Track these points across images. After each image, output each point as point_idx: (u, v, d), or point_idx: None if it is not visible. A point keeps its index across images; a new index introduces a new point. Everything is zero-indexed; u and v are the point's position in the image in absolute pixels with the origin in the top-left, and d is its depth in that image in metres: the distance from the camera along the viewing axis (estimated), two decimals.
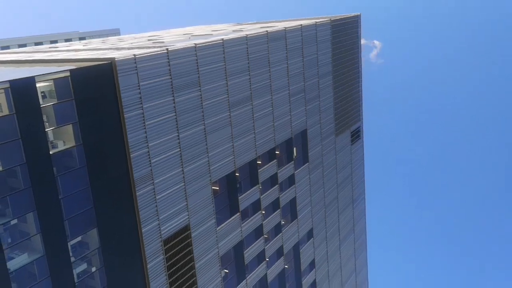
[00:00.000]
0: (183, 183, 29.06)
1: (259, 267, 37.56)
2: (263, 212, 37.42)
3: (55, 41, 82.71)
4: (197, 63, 28.69)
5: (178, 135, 28.02)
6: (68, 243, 23.06)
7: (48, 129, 20.96)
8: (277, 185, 38.84)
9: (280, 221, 39.87)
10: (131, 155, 24.89)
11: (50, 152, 21.19)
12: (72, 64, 22.40)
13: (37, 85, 20.18)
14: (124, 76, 23.60)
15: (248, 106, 33.98)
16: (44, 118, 20.74)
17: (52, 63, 23.69)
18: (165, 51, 26.33)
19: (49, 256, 22.07)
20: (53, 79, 20.93)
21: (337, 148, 48.33)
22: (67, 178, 22.18)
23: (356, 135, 52.75)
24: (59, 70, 21.08)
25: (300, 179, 42.30)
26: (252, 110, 34.39)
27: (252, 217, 36.26)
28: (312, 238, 45.61)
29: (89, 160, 23.01)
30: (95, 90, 22.82)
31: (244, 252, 35.62)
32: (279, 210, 39.53)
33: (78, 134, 22.27)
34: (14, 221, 20.85)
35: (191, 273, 30.56)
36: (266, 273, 38.56)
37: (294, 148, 40.99)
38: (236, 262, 35.24)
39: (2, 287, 20.23)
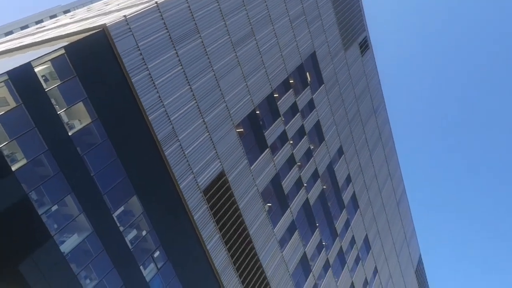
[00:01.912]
0: (208, 133, 27.84)
1: (299, 193, 36.94)
2: (291, 142, 36.20)
3: (41, 21, 79.10)
4: (190, 9, 26.46)
5: (191, 87, 26.43)
6: (113, 215, 22.54)
7: (60, 112, 19.72)
8: (298, 113, 37.27)
9: (309, 147, 38.69)
10: (149, 118, 23.62)
11: (69, 134, 20.09)
12: (64, 40, 20.70)
13: (36, 70, 18.71)
14: (120, 40, 21.79)
15: (252, 42, 31.78)
16: (53, 101, 19.45)
17: (43, 44, 22.03)
18: (155, 4, 24.17)
19: (98, 232, 21.66)
20: (50, 60, 19.38)
21: (348, 63, 45.87)
22: (93, 155, 21.21)
23: (365, 46, 49.87)
24: (53, 50, 19.43)
25: (320, 102, 40.53)
26: (257, 45, 32.21)
27: (281, 149, 35.15)
28: (343, 155, 44.50)
29: (109, 132, 21.87)
30: (95, 61, 21.22)
31: (282, 183, 34.88)
32: (305, 136, 38.22)
33: (91, 109, 20.99)
34: (55, 207, 20.23)
35: (236, 214, 30.10)
36: (307, 197, 37.99)
37: (307, 73, 38.89)
38: (276, 195, 34.62)
39: (61, 269, 20.01)
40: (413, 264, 61.69)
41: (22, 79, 18.25)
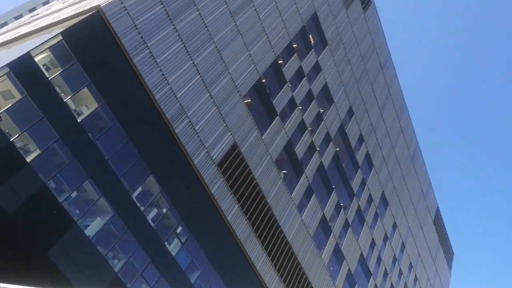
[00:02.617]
0: (216, 107, 27.45)
1: (312, 158, 36.64)
2: (300, 107, 35.66)
3: (34, 9, 77.98)
4: None
5: (193, 62, 25.89)
6: (132, 196, 22.55)
7: (66, 99, 19.44)
8: (305, 78, 36.55)
9: (318, 110, 38.12)
10: (155, 97, 23.26)
11: (78, 120, 19.88)
12: (60, 26, 20.21)
13: (36, 59, 18.36)
14: (116, 20, 21.22)
15: (251, 9, 30.89)
16: (58, 89, 19.17)
17: (40, 32, 21.56)
18: None
19: (120, 213, 21.72)
20: (48, 48, 18.98)
21: (351, 21, 44.57)
22: (104, 139, 21.04)
23: (366, 1, 48.33)
24: (50, 37, 18.98)
25: (325, 64, 39.66)
26: (256, 12, 31.31)
27: (291, 116, 34.67)
28: (354, 115, 43.86)
29: (118, 115, 21.61)
30: (94, 45, 20.75)
31: (295, 149, 34.57)
32: (314, 100, 37.61)
33: (97, 94, 20.67)
34: (74, 194, 20.25)
35: (253, 184, 30.00)
36: (321, 161, 37.70)
37: (310, 36, 37.90)
38: (290, 161, 34.38)
39: (89, 253, 20.20)
40: (431, 215, 61.63)
41: (24, 70, 17.94)
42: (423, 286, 55.69)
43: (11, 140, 17.62)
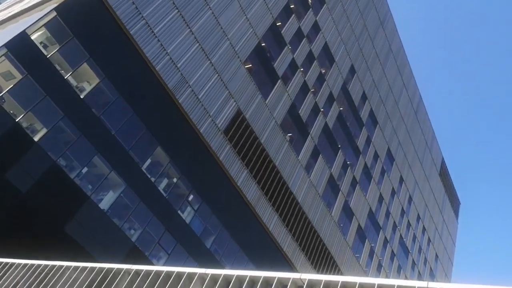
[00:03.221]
0: (217, 74, 27.02)
1: (317, 119, 36.36)
2: (301, 69, 35.08)
3: None
4: None
5: (191, 30, 25.29)
6: (142, 168, 22.58)
7: (67, 76, 19.15)
8: (304, 38, 35.77)
9: (320, 71, 37.51)
10: (156, 68, 22.86)
11: (81, 97, 19.65)
12: (53, 2, 19.63)
13: (32, 37, 17.97)
14: None
15: None
16: (57, 67, 18.84)
17: (32, 10, 21.03)
18: None
19: (131, 186, 21.83)
20: (43, 25, 18.53)
21: None
22: (109, 114, 20.87)
23: None
24: (44, 14, 18.49)
25: (324, 23, 38.71)
26: None
27: (293, 78, 34.17)
28: (356, 74, 43.20)
29: (120, 89, 21.34)
30: (89, 19, 20.23)
31: (299, 112, 34.27)
32: (315, 61, 36.95)
33: (97, 69, 20.34)
34: (85, 170, 20.29)
35: (260, 149, 29.91)
36: (326, 121, 37.43)
37: None
38: (295, 124, 34.14)
39: (105, 225, 20.41)
40: (437, 167, 61.70)
41: (22, 50, 17.59)
42: (431, 236, 56.39)
43: (16, 120, 17.49)
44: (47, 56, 18.40)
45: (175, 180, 24.57)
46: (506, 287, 2.56)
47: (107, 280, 4.00)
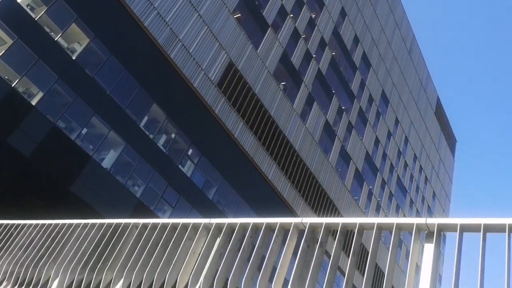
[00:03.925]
0: (206, 26, 27.40)
1: (310, 66, 36.98)
2: (291, 15, 35.26)
3: None
4: None
5: None
6: (140, 126, 23.54)
7: (57, 38, 19.67)
8: None
9: (310, 16, 37.69)
10: (144, 24, 23.29)
11: (73, 58, 20.26)
12: None
13: (18, 0, 18.34)
14: None
15: None
16: (47, 29, 19.33)
17: None
18: None
19: (131, 144, 22.87)
20: None
21: None
22: (103, 74, 21.55)
23: None
24: None
25: None
26: None
27: (283, 26, 34.45)
28: (346, 16, 43.29)
29: (111, 48, 21.88)
30: None
31: (291, 59, 34.84)
32: (304, 5, 37.04)
33: (86, 29, 20.80)
34: (84, 130, 21.26)
35: (254, 99, 30.80)
36: (319, 67, 38.06)
37: None
38: (288, 72, 34.82)
39: (109, 183, 21.65)
40: (432, 106, 62.85)
41: (9, 14, 18.02)
42: (428, 174, 58.54)
43: (12, 86, 18.21)
44: (35, 19, 18.83)
45: (173, 135, 25.62)
46: (502, 218, 2.49)
47: (117, 234, 4.13)
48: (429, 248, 2.67)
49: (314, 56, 37.54)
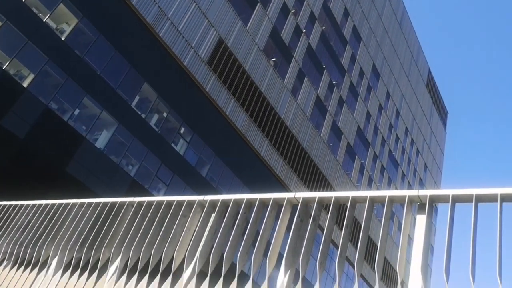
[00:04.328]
0: (195, 3, 26.98)
1: (300, 41, 36.68)
2: None
3: None
4: None
5: None
6: (132, 106, 23.39)
7: (45, 19, 19.29)
8: None
9: None
10: (132, 3, 22.85)
11: (62, 39, 19.92)
12: None
13: None
14: None
15: None
16: (34, 10, 18.93)
17: None
18: None
19: (124, 124, 22.76)
20: None
21: None
22: (92, 54, 21.25)
23: None
24: None
25: None
26: None
27: (272, 1, 33.99)
28: None
29: (100, 28, 21.51)
30: None
31: (281, 35, 34.51)
32: None
33: (74, 9, 20.38)
34: (77, 111, 21.09)
35: (244, 76, 30.62)
36: (309, 42, 37.78)
37: None
38: (278, 48, 34.53)
39: (104, 163, 21.63)
40: (423, 79, 62.90)
41: None
42: (419, 147, 59.03)
43: (3, 68, 17.94)
44: (23, 0, 18.41)
45: (165, 114, 25.50)
46: (494, 188, 2.47)
47: (113, 213, 4.15)
48: (421, 220, 2.71)
49: (304, 31, 37.19)
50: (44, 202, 5.34)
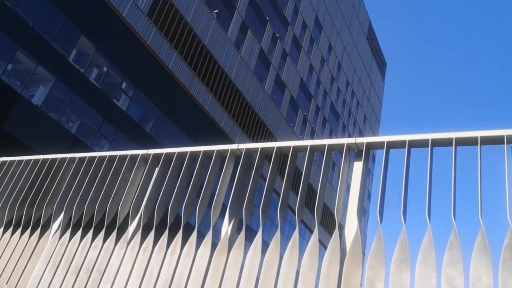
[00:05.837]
0: None
1: None
2: None
3: None
4: None
5: None
6: (69, 60, 22.09)
7: None
8: None
9: None
10: None
11: None
12: None
13: None
14: None
15: None
16: None
17: None
18: None
19: (61, 79, 21.55)
20: None
21: None
22: (24, 5, 19.58)
23: None
24: None
25: None
26: None
27: None
28: None
29: None
30: None
31: None
32: None
33: None
34: (10, 66, 19.62)
35: (187, 29, 29.62)
36: None
37: None
38: None
39: (42, 120, 20.57)
40: (364, 31, 63.86)
41: None
42: (359, 99, 60.86)
43: None
44: None
45: (105, 69, 24.34)
46: (425, 134, 2.58)
47: (53, 169, 3.97)
48: (358, 166, 2.80)
49: None
50: None
